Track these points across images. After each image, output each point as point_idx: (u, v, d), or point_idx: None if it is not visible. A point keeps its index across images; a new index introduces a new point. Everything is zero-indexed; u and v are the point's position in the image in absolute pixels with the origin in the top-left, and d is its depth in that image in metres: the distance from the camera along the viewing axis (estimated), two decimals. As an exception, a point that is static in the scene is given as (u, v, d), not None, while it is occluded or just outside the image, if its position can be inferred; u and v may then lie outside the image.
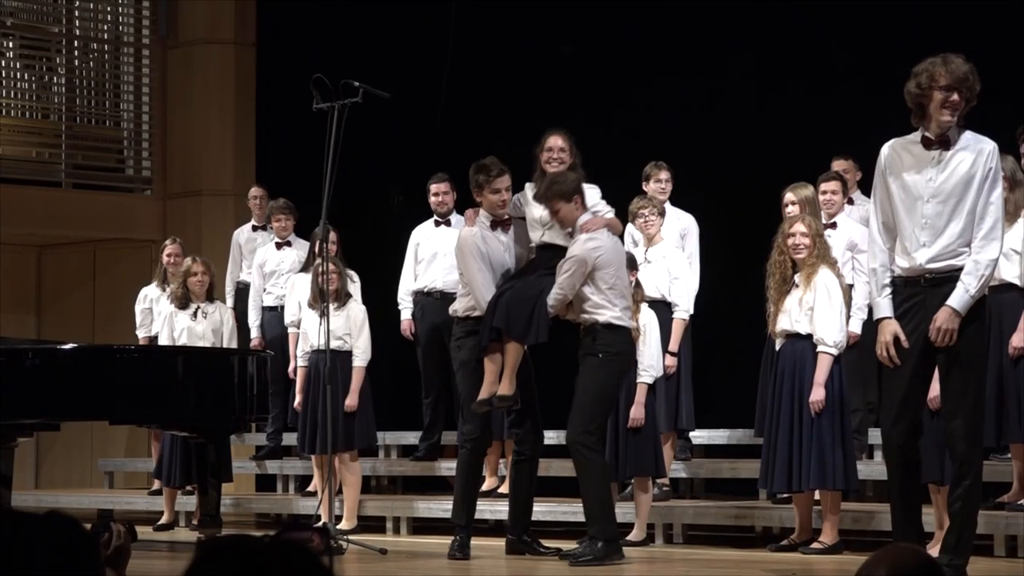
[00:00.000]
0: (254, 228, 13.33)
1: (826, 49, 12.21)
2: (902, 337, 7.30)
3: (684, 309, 10.73)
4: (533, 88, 13.37)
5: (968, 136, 7.42)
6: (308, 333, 11.21)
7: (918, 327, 7.37)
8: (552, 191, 9.25)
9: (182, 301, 11.76)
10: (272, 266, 12.75)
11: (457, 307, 9.82)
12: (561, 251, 9.36)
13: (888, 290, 7.48)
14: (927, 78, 7.36)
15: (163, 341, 11.79)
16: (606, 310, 9.24)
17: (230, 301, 13.15)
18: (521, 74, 13.47)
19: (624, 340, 9.39)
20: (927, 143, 7.42)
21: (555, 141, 9.83)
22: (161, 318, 12.01)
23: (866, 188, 10.36)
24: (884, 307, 7.46)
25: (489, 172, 9.67)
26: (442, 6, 14.07)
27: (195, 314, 11.71)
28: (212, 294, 11.90)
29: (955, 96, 7.32)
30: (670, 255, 10.76)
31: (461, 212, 11.55)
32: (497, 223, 9.68)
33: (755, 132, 12.05)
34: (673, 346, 10.36)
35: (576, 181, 9.31)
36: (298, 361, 11.42)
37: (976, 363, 7.48)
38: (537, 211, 9.53)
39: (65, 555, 2.09)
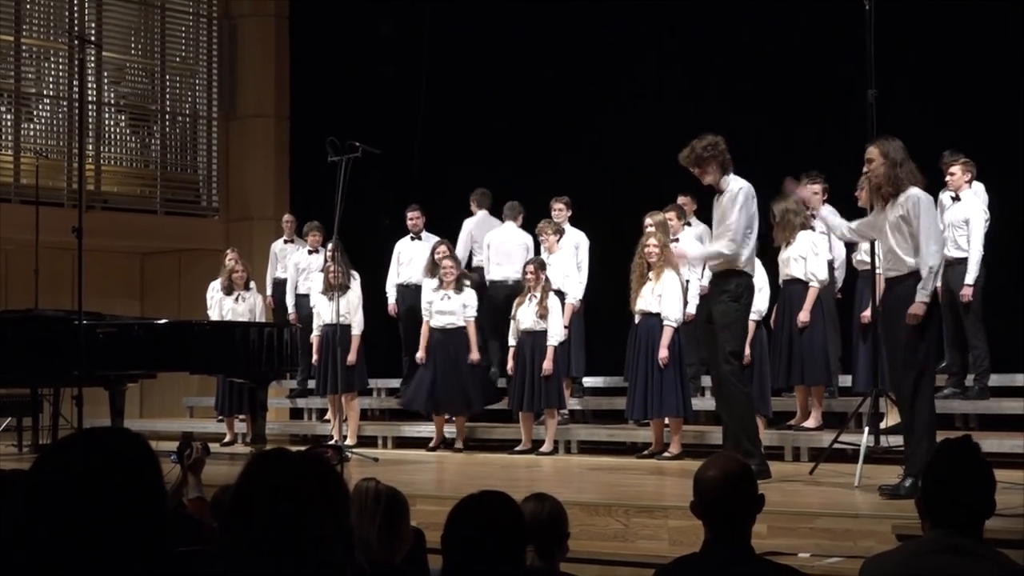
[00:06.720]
0: (285, 241, 13.24)
1: (676, 116, 12.17)
2: None
3: (572, 296, 10.73)
4: (478, 145, 13.34)
5: (730, 179, 7.74)
6: (320, 313, 11.15)
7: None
8: None
9: (227, 289, 11.68)
10: (304, 266, 12.69)
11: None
12: None
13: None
14: None
15: (213, 318, 11.69)
16: None
17: (269, 291, 13.08)
18: (470, 135, 13.44)
19: None
20: (711, 191, 7.81)
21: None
22: (213, 302, 11.91)
23: (700, 215, 10.46)
24: None
25: None
26: (414, 90, 14.05)
27: (236, 299, 11.63)
28: (248, 284, 11.80)
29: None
30: (563, 260, 10.79)
31: (430, 231, 11.69)
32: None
33: (627, 176, 12.05)
34: (564, 321, 10.35)
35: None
36: (314, 332, 11.35)
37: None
38: None
39: (133, 457, 2.01)
